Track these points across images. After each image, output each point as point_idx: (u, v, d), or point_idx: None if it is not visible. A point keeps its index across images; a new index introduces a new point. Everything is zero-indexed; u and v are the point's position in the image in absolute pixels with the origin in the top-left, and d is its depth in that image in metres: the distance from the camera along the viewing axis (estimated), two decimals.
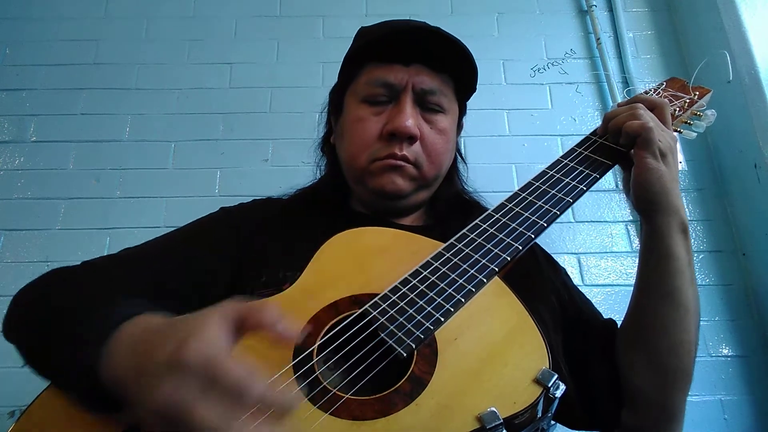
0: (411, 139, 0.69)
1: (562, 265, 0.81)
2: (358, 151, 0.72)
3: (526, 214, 0.59)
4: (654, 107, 0.64)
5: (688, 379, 0.62)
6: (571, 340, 0.66)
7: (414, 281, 0.54)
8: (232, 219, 0.73)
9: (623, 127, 0.61)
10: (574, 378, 0.62)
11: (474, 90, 0.79)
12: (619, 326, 0.69)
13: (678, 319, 0.61)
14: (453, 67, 0.73)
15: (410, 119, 0.68)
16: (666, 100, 0.67)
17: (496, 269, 0.54)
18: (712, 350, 1.16)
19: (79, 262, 0.63)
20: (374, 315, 0.51)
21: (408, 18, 0.86)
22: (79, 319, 0.48)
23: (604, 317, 0.73)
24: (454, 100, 0.76)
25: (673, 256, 0.60)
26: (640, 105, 0.63)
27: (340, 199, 0.79)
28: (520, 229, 0.57)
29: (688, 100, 0.71)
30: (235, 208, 0.76)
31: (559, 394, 0.45)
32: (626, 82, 1.39)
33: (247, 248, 0.67)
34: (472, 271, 0.54)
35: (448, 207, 0.78)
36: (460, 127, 0.83)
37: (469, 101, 0.81)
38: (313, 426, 0.43)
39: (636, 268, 0.66)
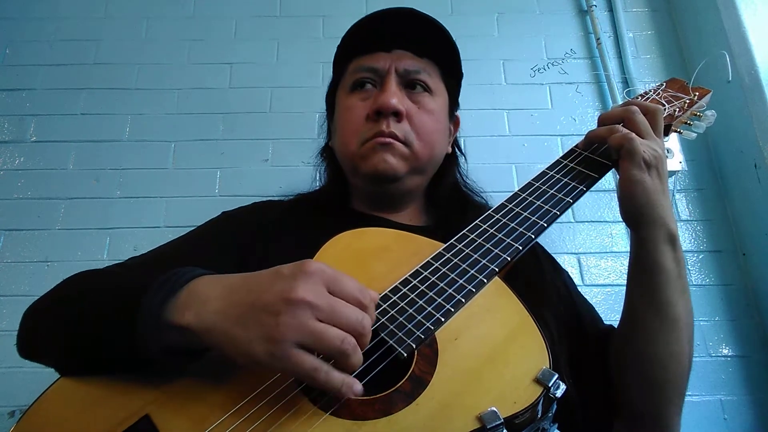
0: (397, 115, 0.70)
1: (564, 267, 0.80)
2: (348, 137, 0.73)
3: (526, 215, 0.59)
4: (646, 113, 0.62)
5: (678, 392, 0.61)
6: (569, 345, 0.66)
7: (414, 281, 0.54)
8: (234, 222, 0.73)
9: (608, 140, 0.60)
10: (573, 383, 0.62)
11: (460, 73, 0.80)
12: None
13: (666, 331, 0.59)
14: (433, 47, 0.75)
15: (394, 97, 0.70)
16: (658, 105, 0.66)
17: (497, 269, 0.54)
18: (712, 350, 1.16)
19: (79, 262, 0.64)
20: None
21: None
22: (132, 287, 0.48)
23: (605, 323, 0.72)
24: (441, 84, 0.77)
25: (660, 268, 0.59)
26: (635, 109, 0.61)
27: (341, 199, 0.79)
28: (520, 229, 0.58)
29: (687, 101, 0.71)
30: (236, 211, 0.77)
31: (559, 393, 0.45)
32: (626, 82, 1.39)
33: (249, 250, 0.67)
34: (472, 272, 0.54)
35: (447, 202, 0.78)
36: (456, 120, 0.84)
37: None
38: (314, 426, 0.43)
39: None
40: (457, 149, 0.85)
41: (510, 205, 0.61)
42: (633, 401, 0.62)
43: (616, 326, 0.69)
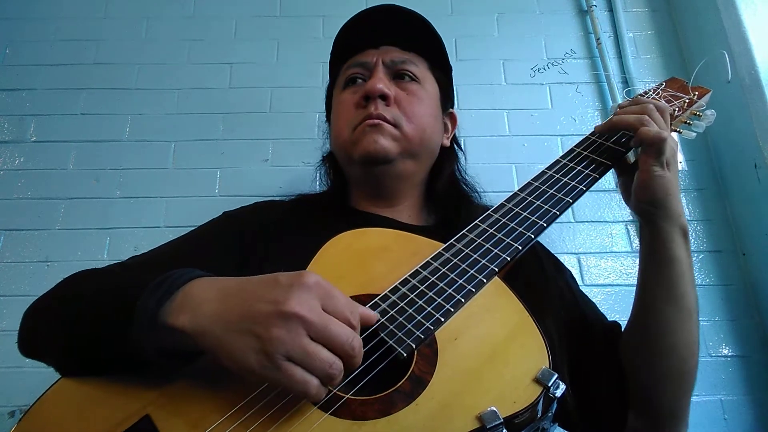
0: (384, 99, 0.72)
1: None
2: (341, 127, 0.75)
3: (526, 214, 0.59)
4: (660, 111, 0.64)
5: (692, 381, 0.62)
6: (574, 344, 0.66)
7: (414, 281, 0.54)
8: (235, 223, 0.74)
9: (638, 132, 0.60)
10: (576, 383, 0.62)
11: (448, 65, 0.83)
12: (623, 329, 0.68)
13: (682, 322, 0.61)
14: (419, 40, 0.78)
15: (380, 82, 0.72)
16: (666, 104, 0.67)
17: (496, 269, 0.54)
18: (712, 350, 1.16)
19: (79, 262, 0.64)
20: None
21: None
22: (129, 288, 0.48)
23: (608, 320, 0.73)
24: (429, 74, 0.80)
25: (675, 260, 0.60)
26: (653, 107, 0.63)
27: (341, 199, 0.80)
28: (520, 229, 0.58)
29: (687, 100, 0.71)
30: (237, 211, 0.77)
31: (559, 393, 0.45)
32: (626, 82, 1.39)
33: (249, 250, 0.68)
34: (471, 271, 0.54)
35: (446, 199, 0.78)
36: (452, 116, 0.85)
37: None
38: (314, 426, 0.43)
39: (637, 270, 0.66)
40: (456, 146, 0.85)
41: (509, 205, 0.61)
42: (650, 393, 0.62)
43: (619, 321, 0.69)
